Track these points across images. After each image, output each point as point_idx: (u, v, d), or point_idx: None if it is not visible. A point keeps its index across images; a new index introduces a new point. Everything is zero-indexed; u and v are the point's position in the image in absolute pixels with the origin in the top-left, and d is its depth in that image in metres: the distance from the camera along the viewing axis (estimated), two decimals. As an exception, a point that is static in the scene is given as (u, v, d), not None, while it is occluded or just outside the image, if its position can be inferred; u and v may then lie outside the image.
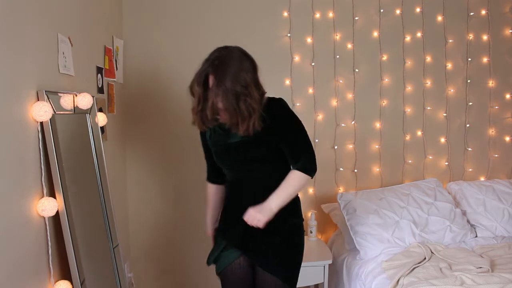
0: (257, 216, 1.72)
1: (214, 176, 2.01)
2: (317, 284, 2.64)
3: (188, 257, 2.90)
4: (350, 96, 2.94)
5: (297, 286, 1.90)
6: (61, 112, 1.71)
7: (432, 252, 2.38)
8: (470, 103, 3.05)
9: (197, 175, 2.83)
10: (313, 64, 2.90)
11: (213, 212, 2.06)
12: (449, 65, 3.02)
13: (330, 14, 2.90)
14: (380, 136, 2.99)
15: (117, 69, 2.58)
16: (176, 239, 2.88)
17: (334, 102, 2.94)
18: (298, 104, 2.88)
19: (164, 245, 2.88)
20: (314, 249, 2.63)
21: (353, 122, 2.96)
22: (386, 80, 2.98)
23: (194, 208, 2.83)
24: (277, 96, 1.81)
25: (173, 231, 2.88)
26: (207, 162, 2.01)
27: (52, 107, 1.60)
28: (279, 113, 1.77)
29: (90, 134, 2.03)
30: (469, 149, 3.07)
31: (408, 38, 2.98)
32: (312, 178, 1.81)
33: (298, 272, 1.88)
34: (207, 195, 2.07)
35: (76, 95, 1.83)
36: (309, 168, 1.78)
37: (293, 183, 1.77)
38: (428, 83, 3.01)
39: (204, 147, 1.97)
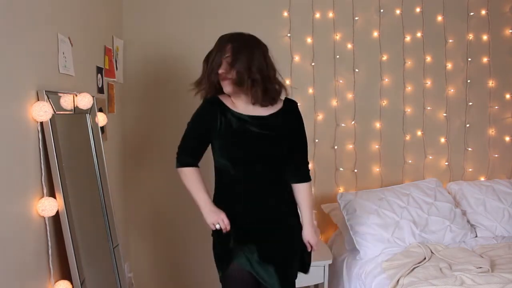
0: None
1: (194, 158, 1.86)
2: (317, 284, 2.63)
3: (188, 257, 2.90)
4: (350, 96, 2.94)
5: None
6: (61, 112, 1.71)
7: (432, 252, 2.38)
8: (470, 103, 3.05)
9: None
10: (313, 64, 2.90)
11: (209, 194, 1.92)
12: (449, 65, 3.02)
13: (330, 14, 2.90)
14: (380, 136, 2.99)
15: (117, 69, 2.58)
16: (177, 239, 2.88)
17: (334, 102, 2.94)
18: (298, 104, 2.88)
19: (165, 245, 2.88)
20: (314, 249, 2.62)
21: (353, 122, 2.95)
22: (386, 80, 2.98)
23: (195, 208, 2.81)
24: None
25: (174, 231, 2.87)
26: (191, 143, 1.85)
27: (52, 107, 1.60)
28: (299, 115, 1.97)
29: (90, 134, 2.03)
30: (469, 149, 3.07)
31: (408, 38, 2.98)
32: None
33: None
34: (192, 181, 1.88)
35: (76, 95, 1.83)
36: (309, 176, 1.96)
37: (311, 196, 1.95)
38: (428, 83, 3.01)
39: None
